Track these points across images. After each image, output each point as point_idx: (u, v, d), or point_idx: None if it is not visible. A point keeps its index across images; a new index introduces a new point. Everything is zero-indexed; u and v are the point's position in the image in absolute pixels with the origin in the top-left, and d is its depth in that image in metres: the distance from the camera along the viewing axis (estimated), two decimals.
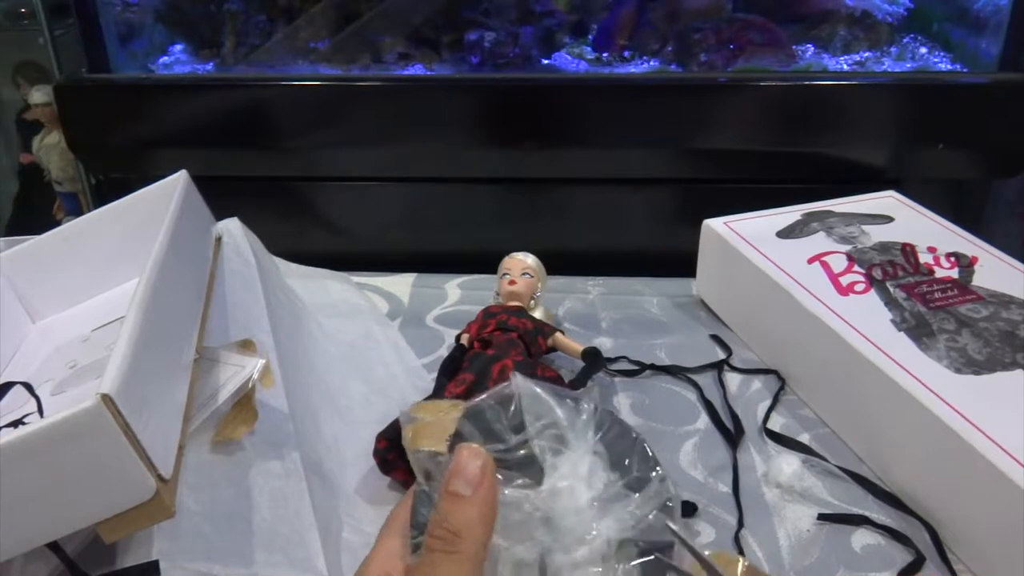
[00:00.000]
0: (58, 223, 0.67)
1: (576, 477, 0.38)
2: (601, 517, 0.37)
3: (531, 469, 0.38)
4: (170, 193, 0.59)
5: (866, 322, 0.64)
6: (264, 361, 0.52)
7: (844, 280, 0.70)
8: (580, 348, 0.70)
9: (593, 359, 0.69)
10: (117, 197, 0.65)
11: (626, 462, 0.39)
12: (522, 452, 0.39)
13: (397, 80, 0.94)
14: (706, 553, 0.36)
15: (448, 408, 0.41)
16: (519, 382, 0.40)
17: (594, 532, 0.36)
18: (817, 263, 0.73)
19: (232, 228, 0.70)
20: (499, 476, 0.37)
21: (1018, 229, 1.07)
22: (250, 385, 0.51)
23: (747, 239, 0.77)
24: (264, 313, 0.62)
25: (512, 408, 0.40)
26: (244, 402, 0.51)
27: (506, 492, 0.37)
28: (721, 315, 0.81)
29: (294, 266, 0.83)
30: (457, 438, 0.39)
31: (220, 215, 0.70)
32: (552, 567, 0.36)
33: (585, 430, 0.39)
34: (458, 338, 0.72)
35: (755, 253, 0.75)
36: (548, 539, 0.36)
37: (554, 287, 0.82)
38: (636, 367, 0.73)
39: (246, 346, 0.54)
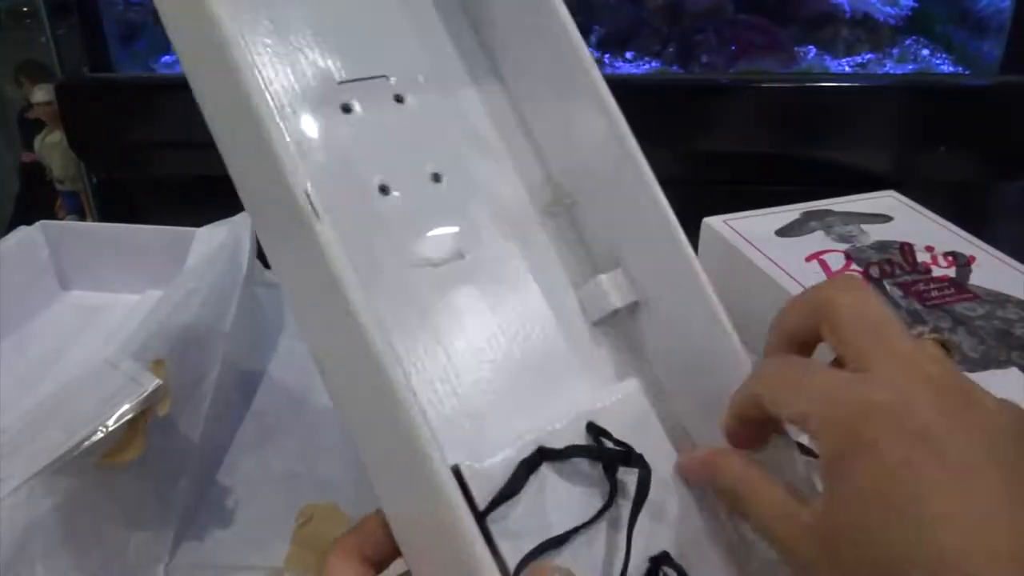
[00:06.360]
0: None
1: None
2: None
3: None
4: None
5: None
6: (160, 383, 0.46)
7: None
8: None
9: None
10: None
11: None
12: None
13: None
14: None
15: None
16: None
17: None
18: (815, 261, 0.73)
19: (240, 226, 0.68)
20: None
21: (1020, 231, 1.07)
22: (145, 408, 0.45)
23: (746, 237, 0.77)
24: (224, 336, 0.57)
25: None
26: (137, 426, 0.45)
27: None
28: None
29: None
30: None
31: (220, 215, 0.70)
32: None
33: None
34: None
35: (754, 251, 0.75)
36: None
37: None
38: None
39: (156, 365, 0.48)
